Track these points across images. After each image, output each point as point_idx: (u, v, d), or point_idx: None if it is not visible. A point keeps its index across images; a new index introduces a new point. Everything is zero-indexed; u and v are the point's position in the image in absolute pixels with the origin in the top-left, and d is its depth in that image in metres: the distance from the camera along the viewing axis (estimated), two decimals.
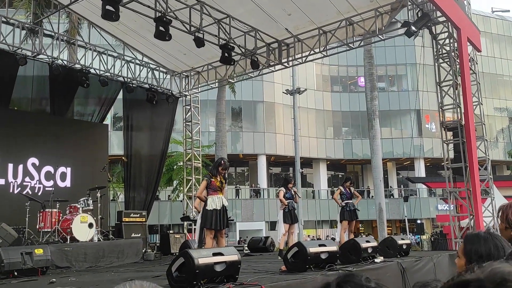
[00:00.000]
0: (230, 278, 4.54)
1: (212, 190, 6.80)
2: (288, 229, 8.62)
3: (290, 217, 8.60)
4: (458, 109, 10.23)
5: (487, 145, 11.67)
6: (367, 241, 6.82)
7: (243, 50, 10.80)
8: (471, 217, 9.74)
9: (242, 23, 10.48)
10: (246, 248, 11.62)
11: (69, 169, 11.46)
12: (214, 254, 4.42)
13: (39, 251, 6.81)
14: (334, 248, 5.94)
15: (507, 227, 2.01)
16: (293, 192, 8.83)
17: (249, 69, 12.25)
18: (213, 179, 6.83)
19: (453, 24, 9.88)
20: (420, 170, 33.45)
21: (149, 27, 9.57)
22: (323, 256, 5.69)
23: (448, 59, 10.45)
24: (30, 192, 10.23)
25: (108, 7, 7.93)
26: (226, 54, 10.00)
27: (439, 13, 9.78)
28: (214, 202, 6.71)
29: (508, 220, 2.00)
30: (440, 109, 10.61)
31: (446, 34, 10.41)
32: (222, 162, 7.05)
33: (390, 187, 36.03)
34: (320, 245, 5.79)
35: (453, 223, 10.37)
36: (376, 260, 6.64)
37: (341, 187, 9.50)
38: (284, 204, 8.57)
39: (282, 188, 8.84)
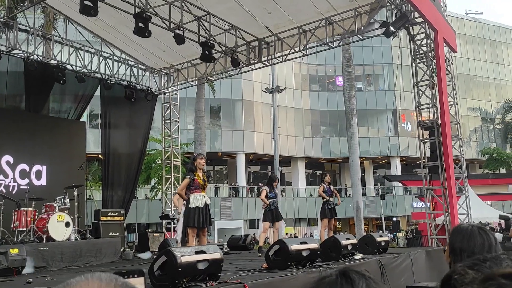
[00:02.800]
0: (213, 276, 4.52)
1: (194, 188, 6.75)
2: (267, 227, 8.70)
3: (272, 216, 8.66)
4: (435, 108, 10.45)
5: (462, 144, 11.96)
6: (347, 239, 6.90)
7: (224, 48, 10.76)
8: (446, 214, 9.96)
9: (222, 21, 10.44)
10: (226, 246, 11.61)
11: (44, 167, 11.21)
12: (197, 252, 4.39)
13: (14, 251, 6.65)
14: (315, 245, 5.99)
15: None
16: (277, 191, 8.94)
17: (229, 67, 12.22)
18: (196, 177, 6.78)
19: (430, 25, 10.08)
20: (396, 168, 34.04)
21: (128, 23, 9.45)
22: (304, 254, 5.73)
23: (425, 60, 10.65)
24: (4, 191, 9.97)
25: (86, 2, 7.80)
26: (206, 52, 9.95)
27: (416, 14, 9.96)
28: (197, 200, 6.68)
29: None
30: (417, 109, 10.81)
31: (423, 35, 10.62)
32: (196, 155, 7.10)
33: (378, 184, 36.47)
34: (301, 243, 5.83)
35: (429, 220, 10.59)
36: (355, 257, 6.72)
37: (323, 184, 9.58)
38: (266, 204, 8.63)
39: (266, 188, 8.88)
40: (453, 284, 0.81)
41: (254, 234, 11.90)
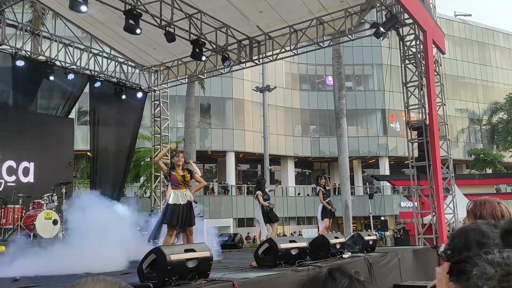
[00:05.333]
0: (202, 275, 4.53)
1: (174, 185, 6.43)
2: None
3: (270, 217, 8.90)
4: (423, 109, 10.55)
5: (449, 144, 12.10)
6: (336, 237, 6.95)
7: (214, 46, 10.74)
8: (433, 213, 10.07)
9: (213, 19, 10.42)
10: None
11: (32, 164, 11.10)
12: (186, 251, 4.40)
13: (1, 248, 6.58)
14: (304, 244, 6.02)
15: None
16: (268, 192, 9.19)
17: (220, 65, 12.20)
18: (174, 172, 6.48)
19: (419, 27, 10.17)
20: (385, 168, 34.28)
21: (118, 19, 9.38)
22: (293, 252, 5.76)
23: (414, 61, 10.75)
24: None
25: None
26: (197, 50, 9.93)
27: (406, 15, 10.04)
28: (177, 196, 6.31)
29: (482, 217, 2.04)
30: (406, 109, 10.90)
31: (413, 36, 10.71)
32: (175, 153, 6.81)
33: (367, 184, 36.66)
34: (290, 241, 5.86)
35: (417, 219, 10.69)
36: (344, 255, 6.77)
37: (321, 189, 9.60)
38: (266, 205, 8.90)
39: (259, 192, 9.04)
40: (474, 278, 0.83)
41: (248, 233, 12.00)
